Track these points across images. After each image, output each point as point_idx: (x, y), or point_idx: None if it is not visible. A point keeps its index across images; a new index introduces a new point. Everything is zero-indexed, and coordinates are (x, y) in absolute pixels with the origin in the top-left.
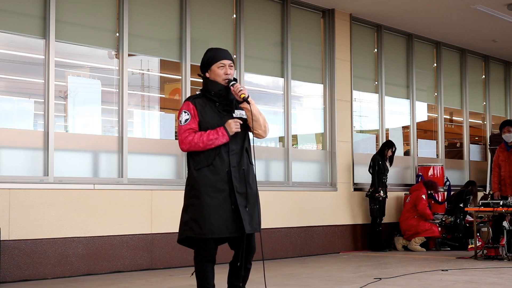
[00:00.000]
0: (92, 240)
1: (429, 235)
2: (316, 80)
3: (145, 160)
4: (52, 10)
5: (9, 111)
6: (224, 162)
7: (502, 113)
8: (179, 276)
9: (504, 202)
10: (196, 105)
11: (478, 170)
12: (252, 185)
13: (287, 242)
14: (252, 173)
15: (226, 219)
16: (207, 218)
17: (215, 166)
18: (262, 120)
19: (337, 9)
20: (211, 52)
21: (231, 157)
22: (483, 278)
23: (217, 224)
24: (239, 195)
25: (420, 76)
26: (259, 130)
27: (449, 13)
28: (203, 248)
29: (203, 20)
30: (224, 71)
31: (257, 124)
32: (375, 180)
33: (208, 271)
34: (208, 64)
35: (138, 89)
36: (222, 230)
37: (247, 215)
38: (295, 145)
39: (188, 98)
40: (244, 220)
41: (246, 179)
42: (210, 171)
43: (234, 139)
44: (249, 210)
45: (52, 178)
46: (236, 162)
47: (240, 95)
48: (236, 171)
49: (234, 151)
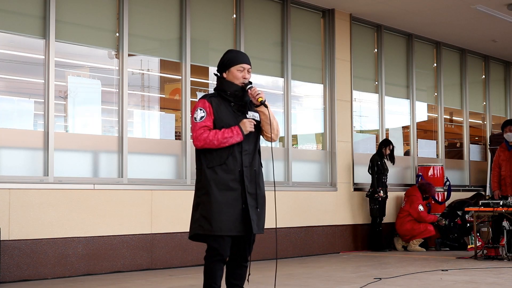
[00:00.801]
0: (92, 240)
1: (426, 236)
2: (316, 80)
3: (145, 160)
4: (52, 10)
5: (9, 111)
6: (237, 161)
7: (502, 113)
8: (179, 276)
9: (504, 202)
10: (212, 103)
11: (478, 170)
12: (261, 187)
13: (287, 242)
14: (262, 175)
15: (235, 218)
16: (217, 215)
17: (227, 165)
18: (275, 124)
19: (337, 9)
20: (232, 53)
21: (244, 157)
22: (483, 278)
23: (226, 222)
24: (249, 195)
25: (420, 76)
26: (272, 134)
27: (449, 13)
28: (213, 246)
29: (203, 20)
30: (243, 74)
31: (269, 128)
32: (374, 180)
33: (217, 270)
34: (228, 65)
35: (138, 89)
36: (231, 228)
37: (256, 215)
38: (295, 145)
39: (204, 96)
40: (252, 220)
41: (256, 180)
42: (222, 170)
43: (247, 140)
44: (259, 211)
45: (52, 178)
46: (249, 162)
47: (257, 98)
48: (248, 171)
49: (247, 151)
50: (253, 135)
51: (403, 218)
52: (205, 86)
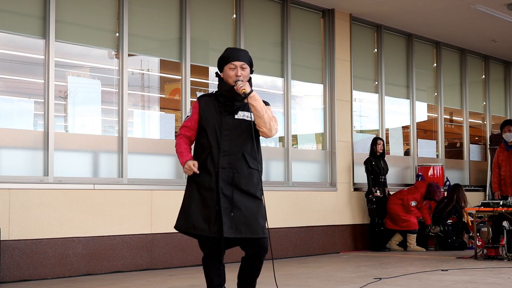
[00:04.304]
0: (92, 240)
1: (406, 229)
2: (316, 80)
3: (145, 160)
4: (52, 10)
5: (9, 111)
6: (214, 162)
7: (502, 113)
8: (179, 276)
9: (504, 202)
10: (200, 103)
11: (478, 170)
12: (244, 189)
13: (287, 242)
14: (248, 178)
15: (209, 219)
16: (191, 213)
17: (206, 164)
18: (267, 117)
19: (337, 9)
20: (226, 52)
21: (222, 158)
22: (483, 278)
23: (198, 221)
24: (224, 197)
25: (420, 76)
26: (263, 128)
27: (449, 13)
28: (200, 244)
29: (203, 20)
30: (235, 72)
31: (261, 121)
32: (370, 181)
33: (210, 270)
34: (221, 65)
35: (138, 89)
36: (204, 229)
37: (229, 218)
38: (295, 145)
39: (198, 96)
40: (224, 223)
41: (235, 183)
42: (202, 169)
43: (229, 140)
44: (234, 214)
45: (52, 178)
46: (227, 163)
47: (241, 91)
48: (225, 173)
49: (226, 152)
50: (240, 137)
51: (395, 199)
52: (205, 86)
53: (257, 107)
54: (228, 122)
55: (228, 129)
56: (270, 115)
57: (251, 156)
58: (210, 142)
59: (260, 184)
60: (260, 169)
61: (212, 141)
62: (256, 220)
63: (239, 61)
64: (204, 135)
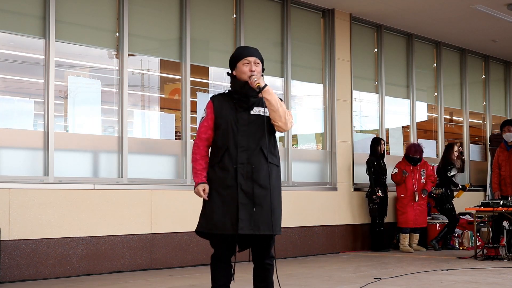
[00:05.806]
0: (92, 240)
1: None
2: (316, 80)
3: (145, 160)
4: (52, 10)
5: (9, 111)
6: (232, 158)
7: (502, 113)
8: (179, 276)
9: (504, 202)
10: (215, 102)
11: (478, 170)
12: (264, 185)
13: (287, 242)
14: (267, 173)
15: (231, 216)
16: (210, 213)
17: (224, 162)
18: (282, 111)
19: (337, 9)
20: (238, 50)
21: (240, 153)
22: (483, 278)
23: (219, 220)
24: (243, 193)
25: (420, 76)
26: (279, 122)
27: (449, 13)
28: (212, 244)
29: (203, 20)
30: (249, 67)
31: (276, 115)
32: (372, 181)
33: (217, 270)
34: (234, 62)
35: (138, 89)
36: (226, 227)
37: (248, 214)
38: (295, 145)
39: (211, 97)
40: (240, 219)
41: (254, 178)
42: (220, 168)
43: (246, 135)
44: (256, 210)
45: (52, 178)
46: (246, 159)
47: (255, 85)
48: (244, 169)
49: (244, 147)
50: (257, 131)
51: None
52: (205, 86)
53: (272, 101)
54: (244, 118)
55: (245, 125)
56: (285, 109)
57: (269, 151)
58: (227, 139)
59: (279, 180)
60: (279, 164)
61: (229, 138)
62: (276, 216)
63: (253, 56)
64: (220, 133)
